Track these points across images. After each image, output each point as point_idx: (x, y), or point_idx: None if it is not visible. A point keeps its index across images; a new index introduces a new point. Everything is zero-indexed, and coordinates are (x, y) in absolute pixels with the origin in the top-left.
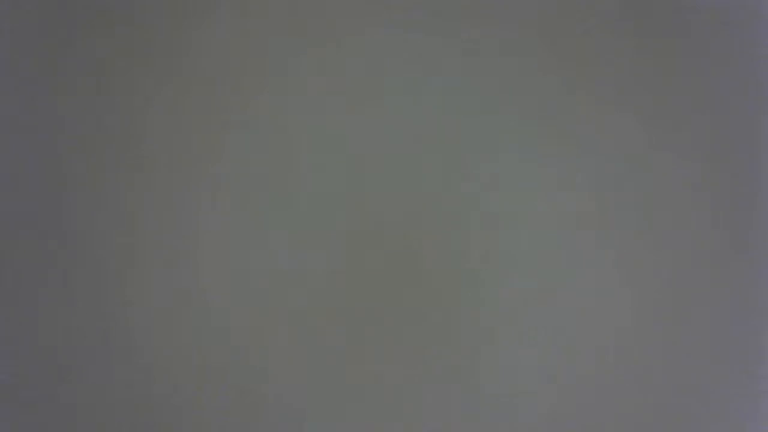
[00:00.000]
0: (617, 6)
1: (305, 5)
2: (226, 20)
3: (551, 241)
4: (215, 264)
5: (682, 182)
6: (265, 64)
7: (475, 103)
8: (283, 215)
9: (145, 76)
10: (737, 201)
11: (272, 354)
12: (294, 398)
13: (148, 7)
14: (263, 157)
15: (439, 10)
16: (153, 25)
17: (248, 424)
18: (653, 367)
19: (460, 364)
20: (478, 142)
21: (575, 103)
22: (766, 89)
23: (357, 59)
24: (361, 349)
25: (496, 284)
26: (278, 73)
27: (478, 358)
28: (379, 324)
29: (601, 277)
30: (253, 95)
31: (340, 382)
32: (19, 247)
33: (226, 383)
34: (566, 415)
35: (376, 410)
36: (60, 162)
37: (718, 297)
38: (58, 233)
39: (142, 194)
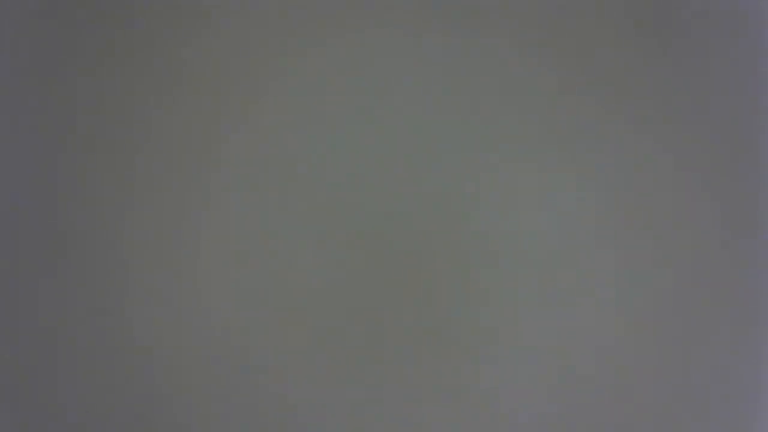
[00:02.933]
0: (618, 6)
1: (306, 6)
2: (226, 21)
3: (551, 241)
4: (216, 264)
5: (683, 182)
6: (265, 65)
7: (475, 103)
8: (284, 215)
9: (145, 77)
10: (738, 201)
11: (272, 354)
12: (294, 398)
13: (148, 8)
14: (264, 157)
15: (440, 10)
16: (153, 26)
17: (249, 424)
18: (653, 368)
19: (459, 364)
20: (478, 142)
21: (575, 103)
22: (766, 89)
23: (356, 60)
24: (362, 350)
25: (496, 284)
26: (278, 73)
27: (478, 358)
28: (379, 324)
29: (602, 278)
30: (253, 96)
31: (341, 382)
32: (19, 249)
33: (226, 383)
34: (566, 416)
35: (376, 410)
36: (60, 163)
37: (719, 298)
38: (58, 234)
39: (142, 194)
